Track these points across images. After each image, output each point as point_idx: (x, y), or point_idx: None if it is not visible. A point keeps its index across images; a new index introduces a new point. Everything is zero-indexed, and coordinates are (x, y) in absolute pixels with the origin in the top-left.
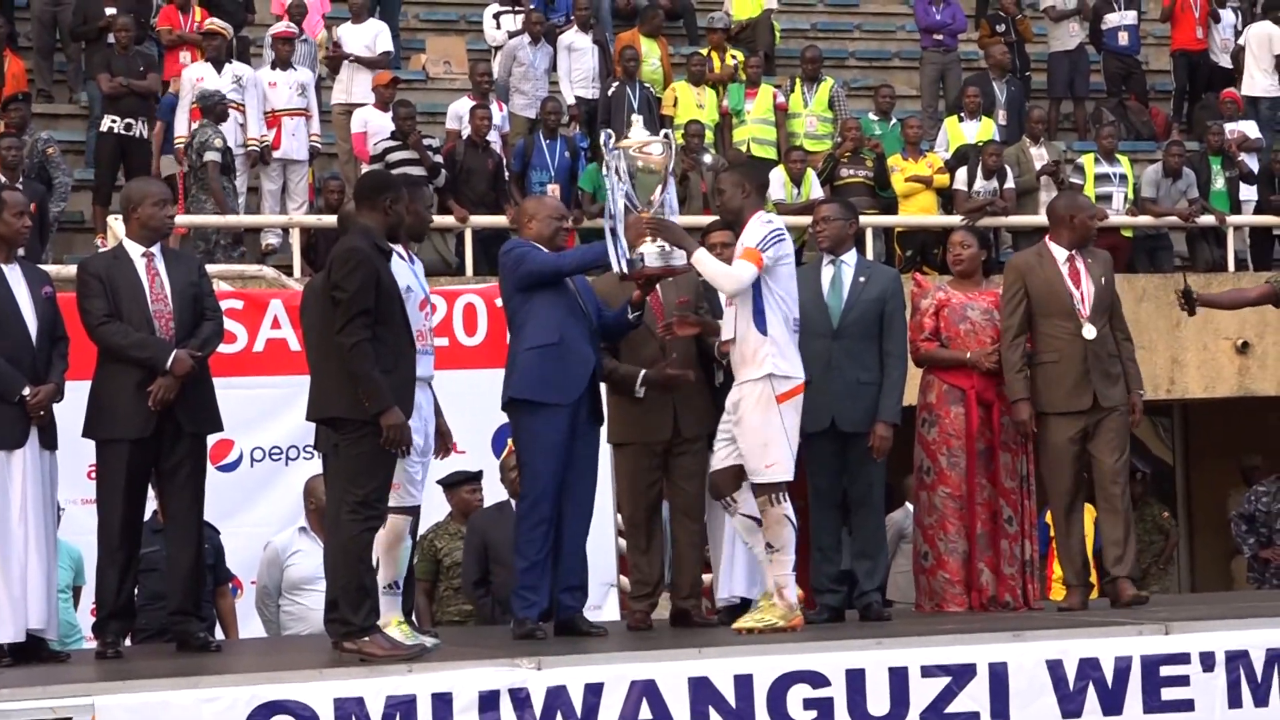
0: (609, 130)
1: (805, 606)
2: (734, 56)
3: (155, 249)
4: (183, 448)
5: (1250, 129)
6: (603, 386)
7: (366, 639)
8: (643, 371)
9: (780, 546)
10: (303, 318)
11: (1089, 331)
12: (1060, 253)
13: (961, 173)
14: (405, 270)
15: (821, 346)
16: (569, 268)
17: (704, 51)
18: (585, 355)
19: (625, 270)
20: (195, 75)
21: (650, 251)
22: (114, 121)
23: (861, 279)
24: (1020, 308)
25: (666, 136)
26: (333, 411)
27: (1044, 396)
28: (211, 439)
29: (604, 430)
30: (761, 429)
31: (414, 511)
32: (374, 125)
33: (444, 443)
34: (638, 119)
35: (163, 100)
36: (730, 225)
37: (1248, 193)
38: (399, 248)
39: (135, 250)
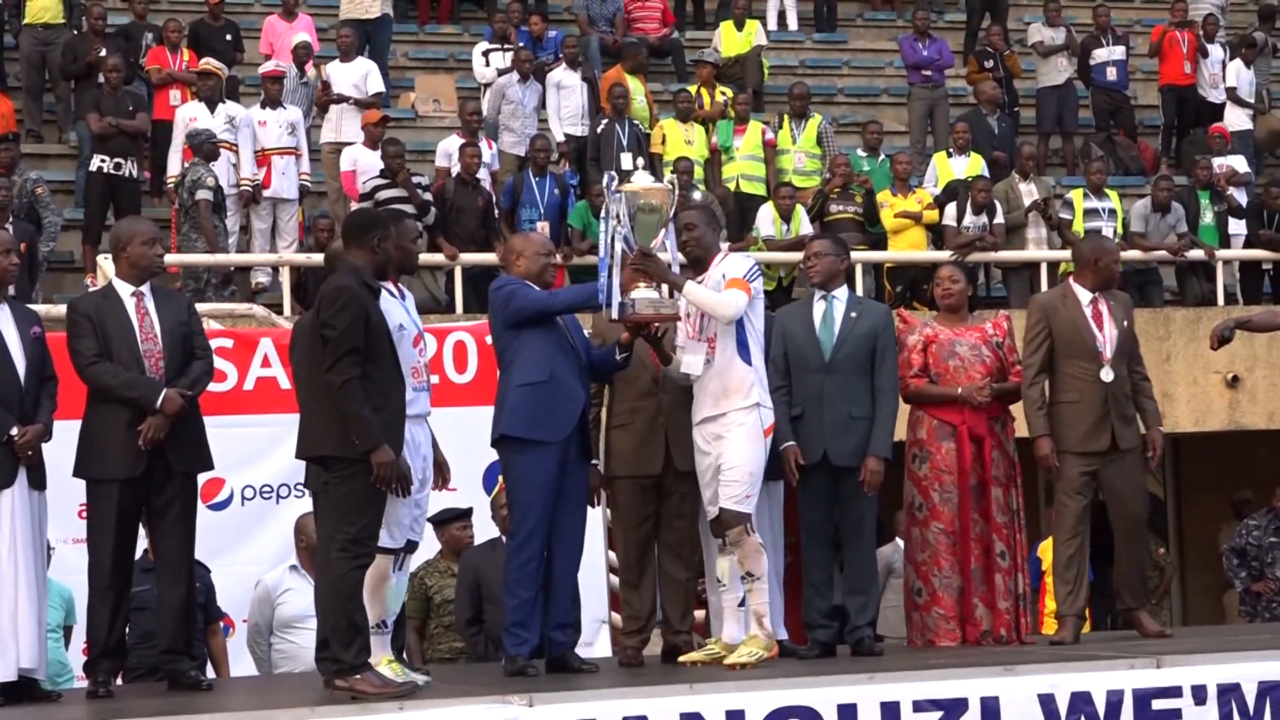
0: (611, 173)
1: (796, 642)
2: (724, 93)
3: (145, 288)
4: (173, 487)
5: (1239, 163)
6: (604, 409)
7: (358, 677)
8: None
9: (760, 574)
10: (292, 355)
11: (1107, 375)
12: (1084, 294)
13: (951, 208)
14: (397, 307)
15: (814, 381)
16: (559, 307)
17: (692, 89)
18: (575, 392)
19: (616, 314)
20: (189, 115)
21: (641, 298)
22: (103, 161)
23: (853, 314)
24: (1043, 347)
25: (672, 182)
26: (323, 449)
27: (1061, 436)
28: (202, 477)
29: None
30: (751, 460)
31: (411, 548)
32: (363, 164)
33: (442, 475)
34: (642, 167)
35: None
36: (697, 261)
37: (1236, 227)
38: (388, 284)
39: (125, 289)
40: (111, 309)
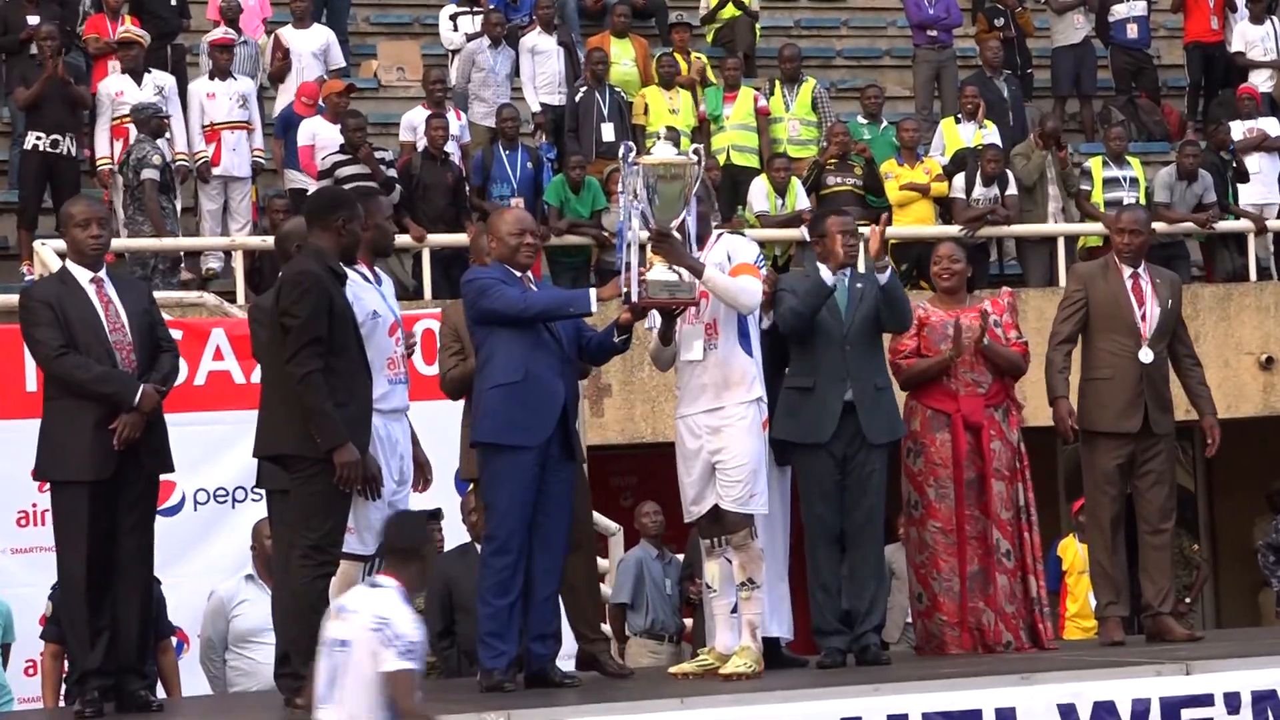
0: (629, 144)
1: (806, 651)
2: (698, 57)
3: (103, 274)
4: (138, 489)
5: (1270, 126)
6: (584, 407)
7: None
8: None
9: (760, 583)
10: (253, 340)
11: (1146, 355)
12: (1126, 269)
13: (959, 179)
14: (371, 292)
15: (833, 353)
16: (533, 314)
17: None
18: (553, 391)
19: (634, 297)
20: (114, 89)
21: (657, 280)
22: (39, 139)
23: (859, 284)
24: (1075, 315)
25: (697, 152)
26: (282, 448)
27: (1092, 415)
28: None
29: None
30: (753, 456)
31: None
32: (323, 138)
33: (423, 474)
34: (665, 137)
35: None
36: (697, 240)
37: (1246, 194)
38: (361, 267)
39: (82, 275)
40: (72, 296)
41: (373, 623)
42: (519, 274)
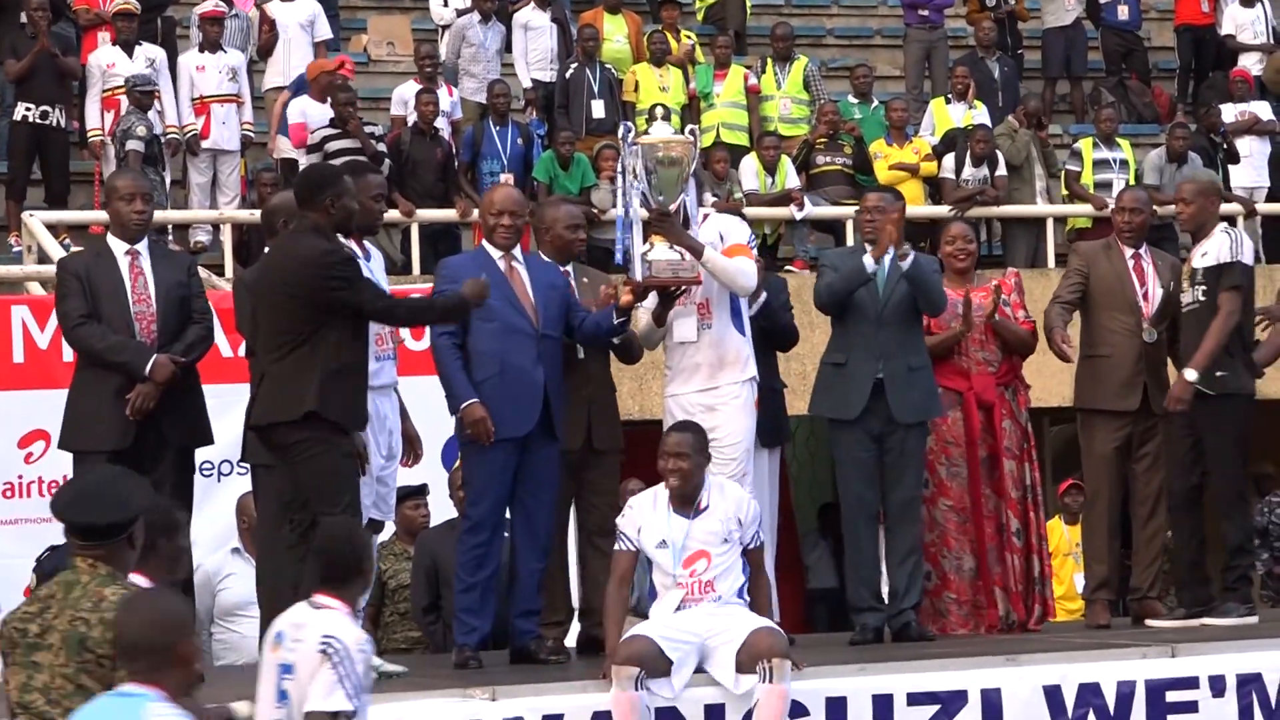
0: (628, 124)
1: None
2: (688, 36)
3: (142, 246)
4: (166, 462)
5: (1262, 110)
6: None
7: None
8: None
9: None
10: (238, 313)
11: (1150, 335)
12: (1128, 249)
13: (949, 160)
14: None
15: (866, 330)
16: (431, 320)
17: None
18: (531, 380)
19: (639, 276)
20: (106, 59)
21: (660, 259)
22: (28, 110)
23: (902, 265)
24: (1077, 285)
25: (692, 132)
26: (277, 417)
27: (1091, 392)
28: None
29: None
30: (746, 435)
31: (375, 529)
32: (314, 113)
33: (413, 449)
34: (663, 116)
35: None
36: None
37: (1237, 177)
38: (350, 243)
39: (119, 248)
40: (103, 268)
41: (320, 645)
42: (499, 255)
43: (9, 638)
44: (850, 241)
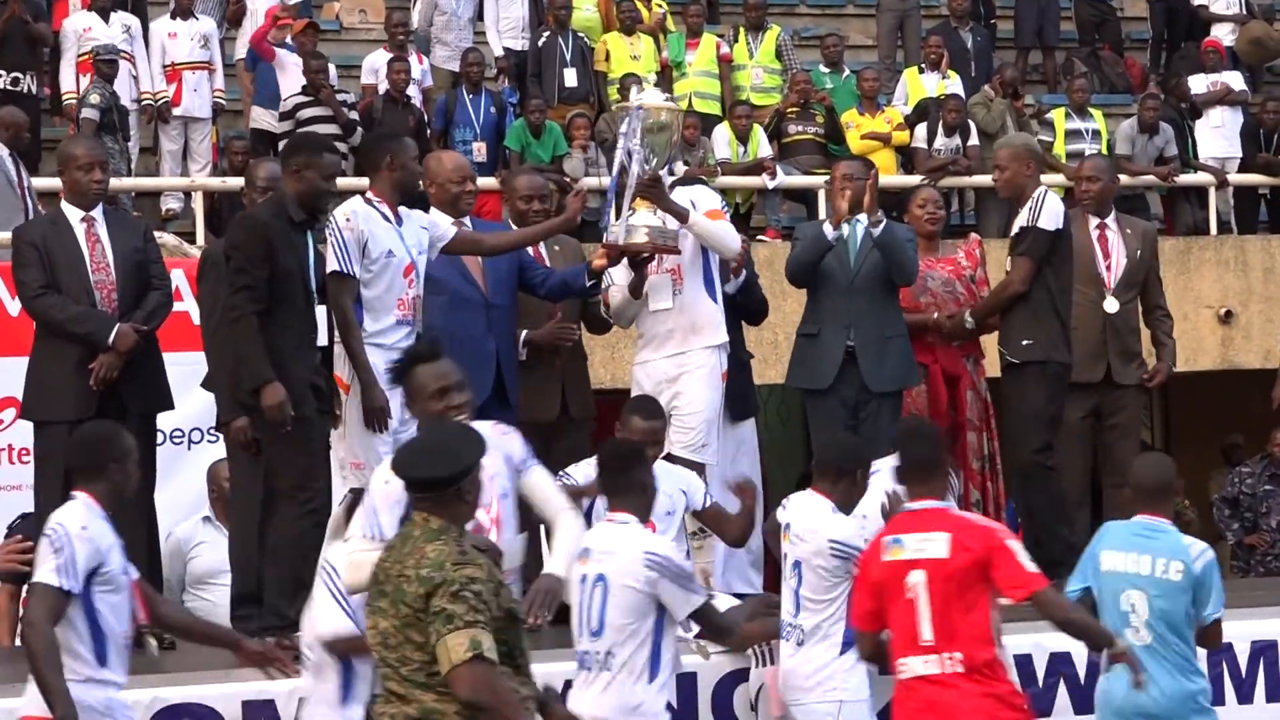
0: (639, 86)
1: None
2: (660, 5)
3: (97, 213)
4: (129, 429)
5: (1234, 80)
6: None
7: (296, 634)
8: (524, 332)
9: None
10: (200, 288)
11: (1111, 305)
12: (1093, 219)
13: (921, 129)
14: (390, 233)
15: (838, 301)
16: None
17: None
18: (482, 350)
19: (619, 239)
20: (82, 25)
21: (642, 224)
22: None
23: (874, 233)
24: None
25: (675, 99)
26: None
27: None
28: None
29: None
30: (709, 406)
31: None
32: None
33: None
34: (652, 84)
35: None
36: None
37: (1208, 147)
38: (384, 207)
39: (74, 215)
40: (59, 236)
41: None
42: (449, 221)
43: (376, 578)
44: (823, 213)
